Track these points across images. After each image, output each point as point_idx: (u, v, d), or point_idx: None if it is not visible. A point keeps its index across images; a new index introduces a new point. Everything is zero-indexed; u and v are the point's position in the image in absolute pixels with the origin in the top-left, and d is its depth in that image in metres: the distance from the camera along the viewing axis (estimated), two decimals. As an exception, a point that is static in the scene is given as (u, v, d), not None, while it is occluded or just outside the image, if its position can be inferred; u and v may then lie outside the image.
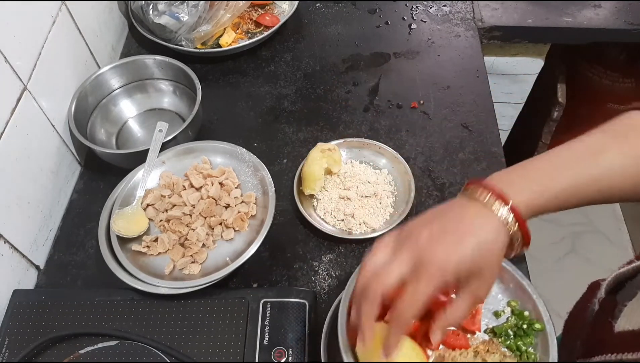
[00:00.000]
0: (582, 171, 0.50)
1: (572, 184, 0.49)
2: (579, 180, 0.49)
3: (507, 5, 1.19)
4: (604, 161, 0.50)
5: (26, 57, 0.78)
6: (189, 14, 1.02)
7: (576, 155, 0.51)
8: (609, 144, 0.52)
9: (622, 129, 0.54)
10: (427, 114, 0.99)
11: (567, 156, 0.52)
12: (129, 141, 0.97)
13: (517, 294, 0.62)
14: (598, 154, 0.51)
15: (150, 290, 0.72)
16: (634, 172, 0.51)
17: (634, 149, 0.51)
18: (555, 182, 0.49)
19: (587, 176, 0.50)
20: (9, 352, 0.69)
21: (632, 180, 0.51)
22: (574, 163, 0.51)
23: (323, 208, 0.85)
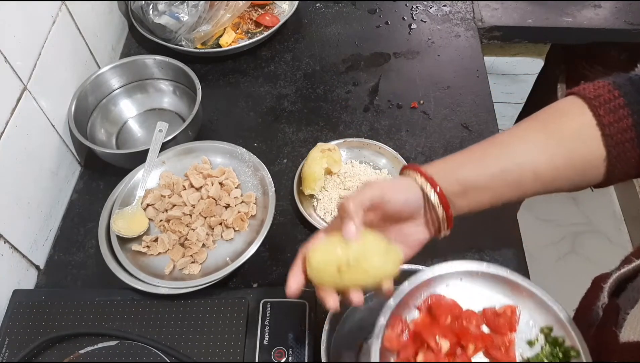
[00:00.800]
0: (503, 158, 0.56)
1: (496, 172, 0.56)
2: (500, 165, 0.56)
3: (507, 5, 1.19)
4: (528, 144, 0.56)
5: (26, 57, 0.78)
6: (189, 14, 1.02)
7: (500, 144, 0.57)
8: (534, 131, 0.56)
9: (549, 115, 0.57)
10: (427, 114, 0.99)
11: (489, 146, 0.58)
12: (129, 141, 0.97)
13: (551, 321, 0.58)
14: (522, 140, 0.56)
15: (150, 290, 0.72)
16: (557, 152, 0.55)
17: (554, 133, 0.55)
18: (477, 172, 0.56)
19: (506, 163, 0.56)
20: (9, 352, 0.69)
21: (558, 161, 0.55)
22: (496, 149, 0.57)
23: (323, 208, 0.85)
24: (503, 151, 0.57)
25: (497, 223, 0.83)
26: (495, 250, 0.80)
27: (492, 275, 0.58)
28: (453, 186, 0.56)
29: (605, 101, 0.54)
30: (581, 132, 0.54)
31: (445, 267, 0.58)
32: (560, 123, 0.56)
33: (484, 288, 0.59)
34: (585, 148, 0.55)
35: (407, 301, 0.57)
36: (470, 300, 0.59)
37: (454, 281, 0.59)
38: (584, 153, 0.55)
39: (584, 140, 0.54)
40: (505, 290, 0.59)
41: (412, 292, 0.57)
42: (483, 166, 0.56)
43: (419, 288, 0.57)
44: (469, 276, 0.59)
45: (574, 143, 0.55)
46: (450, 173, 0.57)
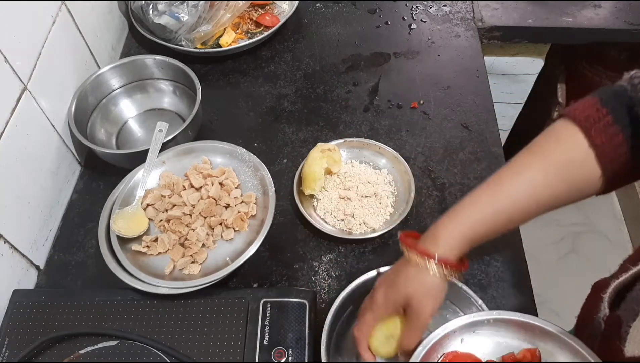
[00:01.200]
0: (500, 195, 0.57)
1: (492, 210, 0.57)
2: (497, 204, 0.57)
3: (507, 5, 1.19)
4: (525, 178, 0.57)
5: (26, 57, 0.78)
6: (189, 14, 1.02)
7: (497, 181, 0.58)
8: (530, 163, 0.58)
9: (544, 143, 0.59)
10: (427, 114, 0.99)
11: (488, 185, 0.59)
12: (129, 141, 0.97)
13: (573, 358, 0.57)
14: (519, 174, 0.57)
15: (150, 290, 0.72)
16: (557, 183, 0.57)
17: (552, 162, 0.57)
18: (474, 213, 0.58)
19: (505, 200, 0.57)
20: (9, 352, 0.69)
21: (558, 189, 0.57)
22: (492, 189, 0.58)
23: (323, 208, 0.85)
24: (504, 192, 0.58)
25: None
26: (495, 251, 0.80)
27: (504, 320, 0.58)
28: (462, 247, 0.58)
29: (594, 121, 0.55)
30: (576, 157, 0.56)
31: (456, 322, 0.58)
32: (555, 152, 0.57)
33: (499, 336, 0.59)
34: (582, 171, 0.56)
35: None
36: (487, 351, 0.58)
37: (469, 334, 0.58)
38: (582, 175, 0.57)
39: (580, 164, 0.56)
40: (520, 333, 0.58)
41: (427, 355, 0.56)
42: (487, 217, 0.58)
43: (434, 349, 0.57)
44: (481, 327, 0.58)
45: (571, 168, 0.56)
46: (457, 238, 0.58)
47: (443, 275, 0.58)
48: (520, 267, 0.79)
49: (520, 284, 0.77)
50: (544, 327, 0.57)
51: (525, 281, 0.77)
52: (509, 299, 0.76)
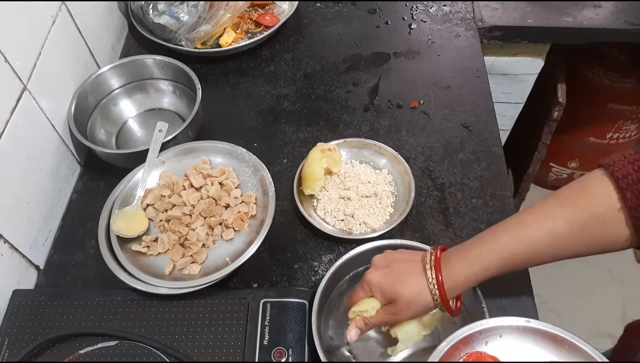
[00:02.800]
0: (519, 241, 0.57)
1: (510, 254, 0.57)
2: (516, 249, 0.57)
3: (507, 5, 1.19)
4: (548, 228, 0.56)
5: (26, 57, 0.78)
6: (189, 14, 1.02)
7: (519, 225, 0.58)
8: (556, 212, 0.56)
9: (574, 194, 0.57)
10: (427, 114, 0.99)
11: (510, 227, 0.59)
12: (129, 141, 0.97)
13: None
14: (543, 222, 0.56)
15: (150, 290, 0.72)
16: (581, 236, 0.55)
17: (579, 215, 0.55)
18: (491, 254, 0.58)
19: (524, 246, 0.57)
20: (9, 352, 0.69)
21: (581, 242, 0.56)
22: (513, 233, 0.58)
23: (323, 208, 0.85)
24: (525, 239, 0.57)
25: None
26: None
27: (533, 329, 0.57)
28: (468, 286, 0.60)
29: (633, 182, 0.52)
30: (606, 215, 0.54)
31: (483, 323, 0.57)
32: (585, 206, 0.55)
33: (525, 344, 0.57)
34: (610, 230, 0.55)
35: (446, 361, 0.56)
36: (511, 357, 0.57)
37: (494, 337, 0.58)
38: (609, 234, 0.55)
39: (609, 223, 0.54)
40: (547, 344, 0.57)
41: (450, 351, 0.56)
42: (503, 259, 0.58)
43: (457, 347, 0.56)
44: (508, 332, 0.57)
45: (598, 226, 0.55)
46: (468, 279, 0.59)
47: (439, 304, 0.60)
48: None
49: (520, 284, 0.77)
50: (574, 342, 0.55)
51: (525, 281, 0.77)
52: (509, 299, 0.76)
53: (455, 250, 0.62)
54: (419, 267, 0.62)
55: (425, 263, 0.61)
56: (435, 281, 0.59)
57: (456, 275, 0.59)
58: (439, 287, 0.59)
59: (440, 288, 0.59)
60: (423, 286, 0.60)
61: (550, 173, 1.92)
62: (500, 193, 0.88)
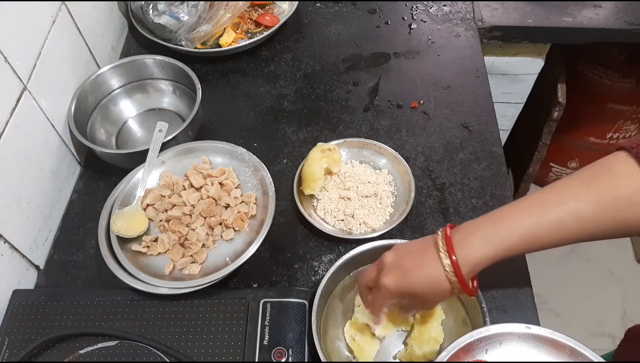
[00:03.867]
0: (542, 221, 0.54)
1: (531, 235, 0.55)
2: (538, 231, 0.54)
3: (507, 5, 1.19)
4: (573, 209, 0.54)
5: (26, 57, 0.78)
6: (189, 14, 1.02)
7: (542, 204, 0.55)
8: (581, 193, 0.54)
9: (598, 174, 0.55)
10: (427, 114, 0.99)
11: (532, 206, 0.56)
12: (128, 141, 0.97)
13: None
14: (568, 203, 0.54)
15: (150, 290, 0.72)
16: (604, 219, 0.53)
17: (605, 196, 0.53)
18: (512, 235, 0.55)
19: (547, 227, 0.54)
20: (9, 352, 0.69)
21: (604, 225, 0.54)
22: (536, 213, 0.55)
23: (323, 208, 0.85)
24: (548, 219, 0.55)
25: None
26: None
27: (533, 336, 0.56)
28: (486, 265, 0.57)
29: None
30: (632, 199, 0.52)
31: (483, 331, 0.56)
32: (610, 187, 0.54)
33: (525, 350, 0.57)
34: (635, 213, 0.53)
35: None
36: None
37: (494, 345, 0.57)
38: (633, 217, 0.53)
39: (634, 206, 0.53)
40: (548, 350, 0.56)
41: (451, 360, 0.55)
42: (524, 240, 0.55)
43: (458, 356, 0.56)
44: (509, 339, 0.57)
45: (623, 209, 0.53)
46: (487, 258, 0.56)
47: (457, 287, 0.57)
48: (520, 267, 0.79)
49: (520, 284, 0.77)
50: (574, 347, 0.55)
51: (525, 281, 0.77)
52: (509, 299, 0.76)
53: (471, 227, 0.58)
54: (432, 253, 0.58)
55: (439, 248, 0.57)
56: (451, 264, 0.56)
57: (473, 255, 0.56)
58: (455, 270, 0.56)
59: (456, 271, 0.56)
60: (439, 272, 0.57)
61: (550, 173, 1.92)
62: (500, 193, 0.88)
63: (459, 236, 0.57)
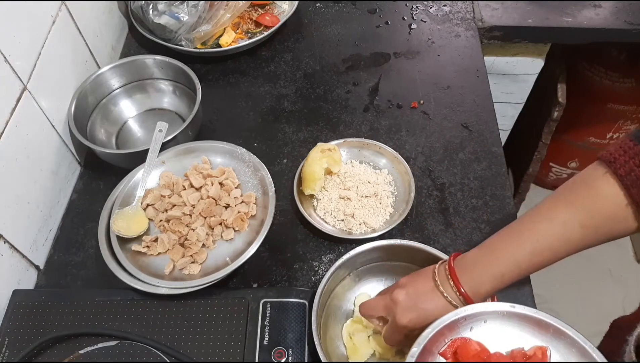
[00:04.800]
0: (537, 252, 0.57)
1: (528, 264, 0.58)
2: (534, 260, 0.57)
3: (507, 5, 1.19)
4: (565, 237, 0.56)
5: (26, 57, 0.78)
6: (189, 14, 1.02)
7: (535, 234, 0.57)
8: (567, 217, 0.56)
9: (583, 197, 0.57)
10: (427, 114, 0.99)
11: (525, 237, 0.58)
12: (128, 141, 0.97)
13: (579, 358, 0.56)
14: (559, 232, 0.56)
15: (150, 290, 0.72)
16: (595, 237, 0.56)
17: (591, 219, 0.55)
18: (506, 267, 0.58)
19: (541, 256, 0.57)
20: (9, 352, 0.69)
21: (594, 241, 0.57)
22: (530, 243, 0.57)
23: (323, 208, 0.85)
24: (535, 236, 0.57)
25: (497, 225, 0.83)
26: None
27: (518, 315, 0.57)
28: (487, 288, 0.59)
29: (637, 178, 0.52)
30: (617, 214, 0.55)
31: (468, 309, 0.57)
32: (595, 207, 0.56)
33: (509, 329, 0.57)
34: (619, 226, 0.56)
35: (430, 348, 0.55)
36: (496, 342, 0.57)
37: (478, 323, 0.58)
38: (619, 229, 0.56)
39: (620, 221, 0.55)
40: (532, 329, 0.57)
41: (435, 337, 0.55)
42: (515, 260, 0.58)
43: (442, 333, 0.56)
44: (493, 317, 0.57)
45: (610, 225, 0.56)
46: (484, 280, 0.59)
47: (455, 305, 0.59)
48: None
49: (520, 284, 0.77)
50: (558, 326, 0.56)
51: (525, 281, 0.77)
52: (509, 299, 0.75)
53: (471, 263, 0.60)
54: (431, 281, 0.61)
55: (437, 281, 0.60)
56: (462, 296, 0.58)
57: (479, 288, 0.59)
58: (465, 298, 0.58)
59: (466, 299, 0.58)
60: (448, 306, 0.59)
61: (550, 173, 1.92)
62: (500, 193, 0.88)
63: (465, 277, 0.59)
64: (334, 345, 0.71)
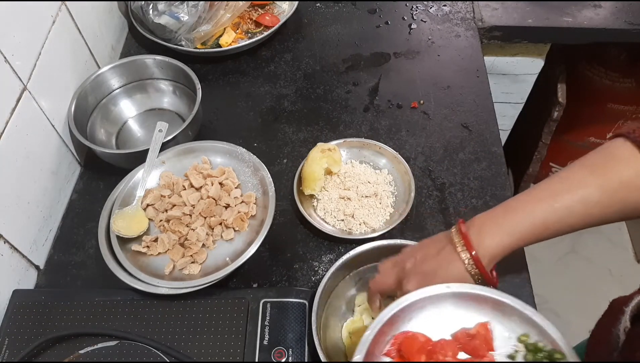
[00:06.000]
0: (552, 209, 0.56)
1: (543, 223, 0.56)
2: (549, 219, 0.56)
3: (507, 5, 1.19)
4: (581, 196, 0.55)
5: (26, 57, 0.78)
6: (189, 14, 1.02)
7: (551, 193, 0.57)
8: (587, 180, 0.56)
9: (601, 161, 0.57)
10: (427, 114, 0.99)
11: (541, 195, 0.57)
12: (129, 141, 0.97)
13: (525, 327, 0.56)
14: (575, 190, 0.56)
15: (150, 290, 0.72)
16: (611, 203, 0.55)
17: (609, 181, 0.55)
18: (525, 224, 0.56)
19: (557, 215, 0.56)
20: (9, 352, 0.69)
21: (610, 209, 0.56)
22: (546, 202, 0.56)
23: (323, 208, 0.85)
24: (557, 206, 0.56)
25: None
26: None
27: (454, 294, 0.56)
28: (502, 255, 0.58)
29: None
30: (635, 182, 0.54)
31: (402, 302, 0.55)
32: (613, 172, 0.55)
33: (449, 310, 0.56)
34: (634, 194, 0.55)
35: (373, 351, 0.53)
36: (439, 327, 0.56)
37: (417, 312, 0.56)
38: (634, 199, 0.55)
39: (634, 187, 0.55)
40: (471, 306, 0.56)
41: (376, 339, 0.53)
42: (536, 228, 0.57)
43: (383, 332, 0.54)
44: (430, 302, 0.56)
45: (628, 192, 0.55)
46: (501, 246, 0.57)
47: (477, 276, 0.58)
48: (520, 267, 0.79)
49: (520, 284, 0.77)
50: (496, 297, 0.55)
51: (525, 281, 0.77)
52: (509, 299, 0.76)
53: (484, 220, 0.59)
54: (449, 252, 0.59)
55: (456, 245, 0.58)
56: (471, 258, 0.57)
57: (490, 247, 0.57)
58: (476, 264, 0.57)
59: (477, 265, 0.57)
60: (460, 269, 0.58)
61: (550, 173, 1.92)
62: (500, 193, 0.88)
63: (474, 230, 0.58)
64: (334, 345, 0.71)
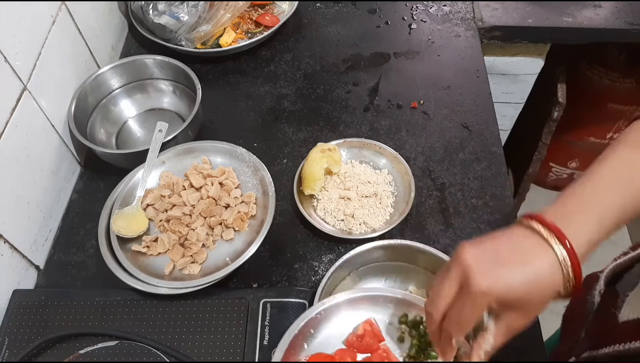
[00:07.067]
0: (629, 191, 0.49)
1: (621, 208, 0.48)
2: (627, 202, 0.48)
3: (507, 5, 1.19)
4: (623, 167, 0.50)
5: (26, 57, 0.78)
6: (189, 14, 1.02)
7: (617, 175, 0.50)
8: (620, 149, 0.51)
9: (628, 131, 0.53)
10: (427, 114, 0.99)
11: (610, 178, 0.50)
12: (129, 141, 0.97)
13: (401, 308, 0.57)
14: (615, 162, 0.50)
15: (150, 290, 0.72)
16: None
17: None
18: (608, 211, 0.48)
19: (632, 196, 0.49)
20: (9, 352, 0.69)
21: None
22: (620, 184, 0.49)
23: (323, 208, 0.85)
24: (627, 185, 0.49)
25: (498, 225, 0.83)
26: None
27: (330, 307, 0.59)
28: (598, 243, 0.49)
29: None
30: None
31: (294, 329, 0.58)
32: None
33: (348, 315, 0.59)
34: None
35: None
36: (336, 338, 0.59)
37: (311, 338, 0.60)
38: None
39: None
40: (348, 308, 0.59)
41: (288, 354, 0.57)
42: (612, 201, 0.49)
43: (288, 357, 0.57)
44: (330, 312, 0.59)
45: None
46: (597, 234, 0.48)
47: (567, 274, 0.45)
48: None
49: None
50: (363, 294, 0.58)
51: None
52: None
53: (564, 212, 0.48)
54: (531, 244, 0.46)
55: (543, 237, 0.46)
56: (566, 252, 0.45)
57: (581, 240, 0.46)
58: (572, 257, 0.45)
59: (572, 259, 0.45)
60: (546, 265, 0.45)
61: (550, 173, 1.92)
62: (500, 193, 0.88)
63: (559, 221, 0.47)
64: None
